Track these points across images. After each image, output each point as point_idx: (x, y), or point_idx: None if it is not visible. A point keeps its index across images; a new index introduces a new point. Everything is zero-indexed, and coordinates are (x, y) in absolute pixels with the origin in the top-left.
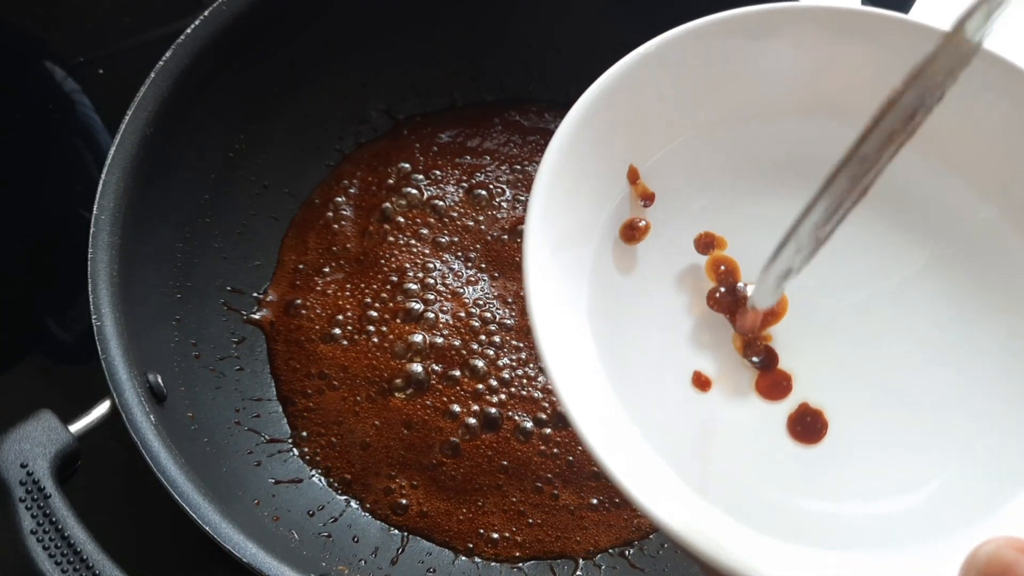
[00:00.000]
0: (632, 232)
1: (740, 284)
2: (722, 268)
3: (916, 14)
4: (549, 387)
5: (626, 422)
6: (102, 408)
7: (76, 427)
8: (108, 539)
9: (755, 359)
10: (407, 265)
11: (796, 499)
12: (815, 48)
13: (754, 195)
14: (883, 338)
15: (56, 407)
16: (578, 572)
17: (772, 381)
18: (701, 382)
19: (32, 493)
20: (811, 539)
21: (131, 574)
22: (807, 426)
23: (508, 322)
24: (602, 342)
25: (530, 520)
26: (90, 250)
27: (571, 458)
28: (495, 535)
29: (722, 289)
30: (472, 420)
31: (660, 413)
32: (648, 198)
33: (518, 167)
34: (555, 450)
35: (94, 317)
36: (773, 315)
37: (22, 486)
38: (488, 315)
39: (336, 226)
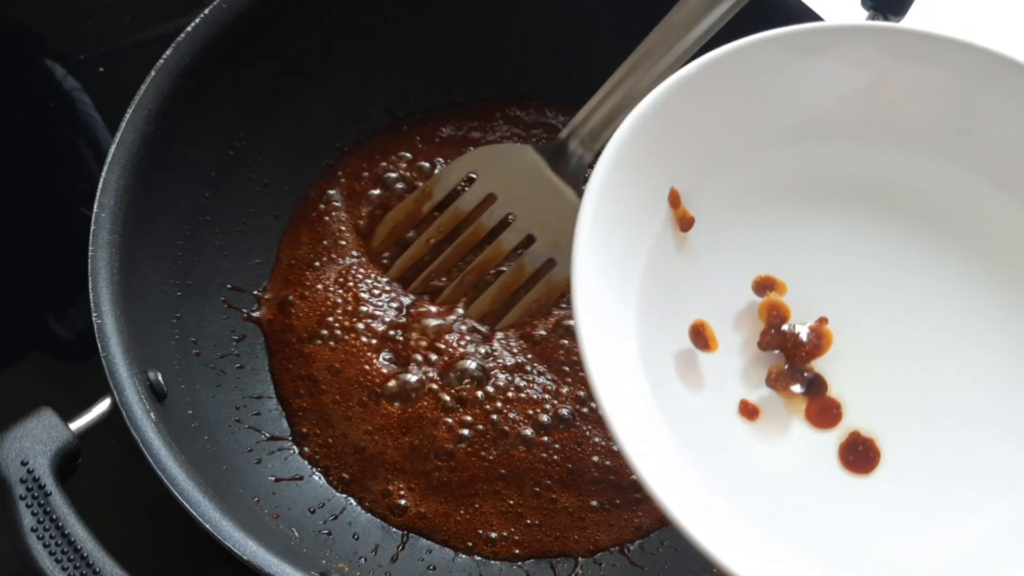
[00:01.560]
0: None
1: (786, 326)
2: (774, 311)
3: (913, 15)
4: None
5: (674, 452)
6: (102, 406)
7: (76, 425)
8: (108, 537)
9: (797, 387)
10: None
11: (851, 530)
12: (863, 67)
13: (801, 219)
14: (933, 362)
15: (56, 405)
16: (578, 570)
17: (821, 408)
18: (748, 411)
19: (32, 491)
20: (867, 570)
21: (131, 572)
22: (859, 455)
23: (510, 334)
24: (653, 376)
25: (528, 521)
26: (90, 248)
27: (570, 465)
28: (493, 534)
29: (772, 330)
30: (466, 431)
31: (709, 443)
32: (688, 222)
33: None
34: (555, 457)
35: (94, 315)
36: (817, 348)
37: (22, 484)
38: (487, 331)
39: (327, 218)
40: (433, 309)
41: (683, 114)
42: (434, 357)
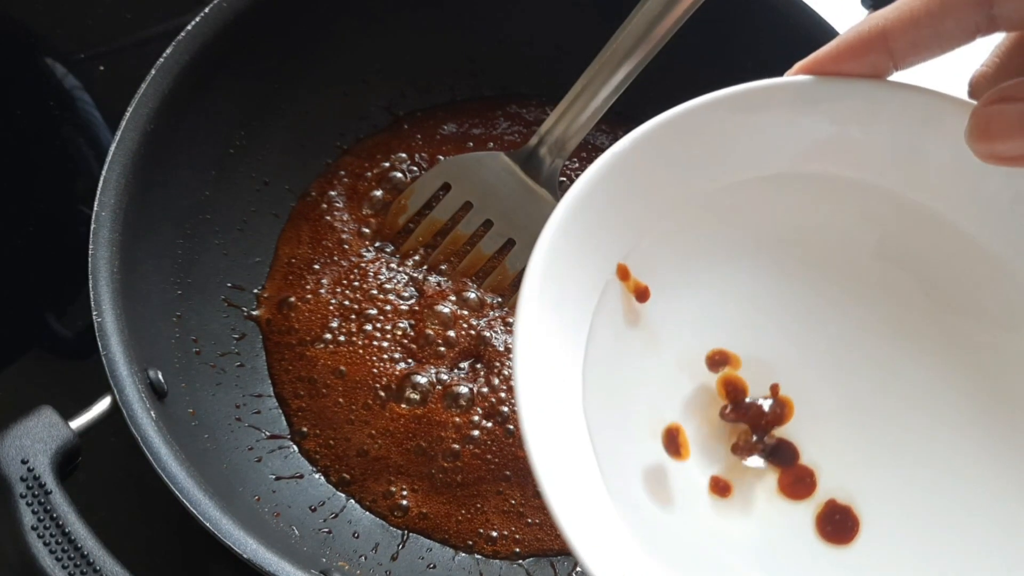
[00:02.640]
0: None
1: (747, 399)
2: (730, 387)
3: None
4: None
5: (635, 548)
6: (103, 404)
7: (77, 423)
8: (109, 535)
9: (757, 460)
10: (399, 263)
11: None
12: (816, 121)
13: (750, 281)
14: (903, 422)
15: (57, 403)
16: (578, 568)
17: (795, 478)
18: (720, 488)
19: (33, 489)
20: None
21: (132, 570)
22: (837, 524)
23: (511, 326)
24: (603, 458)
25: (529, 520)
26: (91, 246)
27: None
28: (494, 533)
29: (730, 406)
30: (476, 432)
31: (675, 529)
32: (642, 293)
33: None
34: None
35: (95, 313)
36: (780, 417)
37: (23, 482)
38: (487, 334)
39: (328, 217)
40: (443, 310)
41: (628, 182)
42: (441, 350)
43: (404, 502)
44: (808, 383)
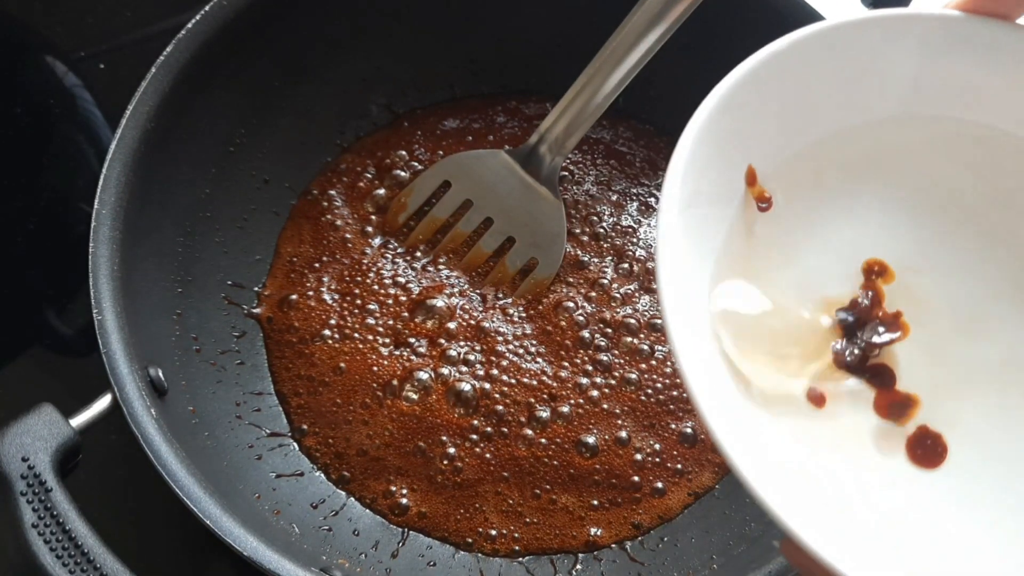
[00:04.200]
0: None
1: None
2: (874, 296)
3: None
4: (545, 389)
5: (747, 419)
6: (103, 402)
7: (77, 421)
8: (109, 532)
9: (855, 382)
10: (400, 260)
11: (915, 523)
12: (937, 53)
13: (875, 206)
14: (1008, 363)
15: (57, 401)
16: (578, 566)
17: (891, 401)
18: (815, 398)
19: (33, 487)
20: (928, 564)
21: (132, 567)
22: (927, 449)
23: (511, 316)
24: (729, 348)
25: (528, 520)
26: (91, 244)
27: (572, 471)
28: (493, 532)
29: (853, 315)
30: (474, 435)
31: (773, 428)
32: (765, 201)
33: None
34: (555, 462)
35: (95, 311)
36: (891, 340)
37: (23, 480)
38: (488, 324)
39: (329, 216)
40: (439, 304)
41: (771, 90)
42: (442, 342)
43: (404, 501)
44: (921, 314)
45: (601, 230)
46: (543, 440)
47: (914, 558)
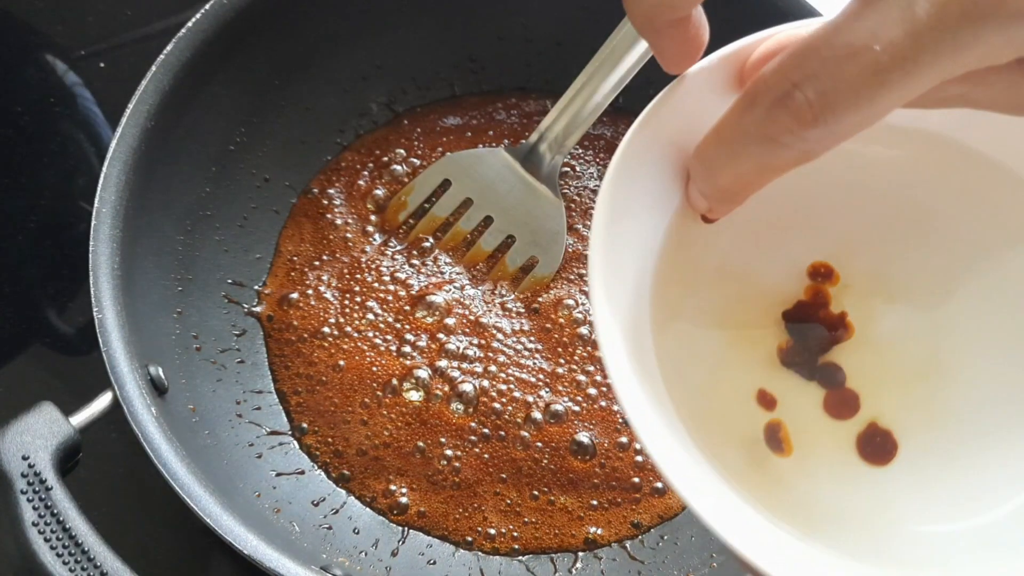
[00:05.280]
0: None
1: (820, 314)
2: (819, 295)
3: None
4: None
5: (685, 437)
6: (103, 400)
7: (77, 419)
8: (110, 531)
9: (806, 373)
10: (400, 256)
11: (868, 517)
12: None
13: (844, 208)
14: (954, 354)
15: (57, 399)
16: (577, 564)
17: (840, 399)
18: (766, 400)
19: (33, 485)
20: (883, 558)
21: (132, 566)
22: (876, 446)
23: (510, 312)
24: (664, 359)
25: (527, 519)
26: (91, 243)
27: (572, 475)
28: (492, 530)
29: (805, 307)
30: (473, 437)
31: (722, 430)
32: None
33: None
34: (551, 466)
35: (95, 309)
36: (836, 339)
37: (23, 478)
38: (486, 320)
39: (329, 215)
40: (438, 300)
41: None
42: (441, 337)
43: (403, 500)
44: (867, 313)
45: None
46: (539, 444)
47: (857, 549)
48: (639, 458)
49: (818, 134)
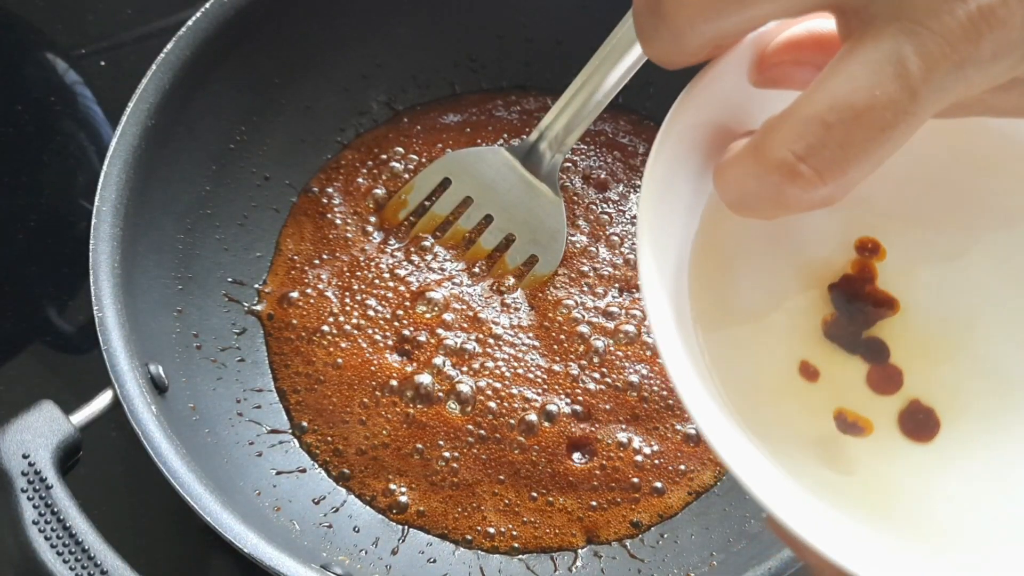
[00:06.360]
0: None
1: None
2: (865, 269)
3: None
4: (532, 396)
5: (727, 407)
6: (103, 399)
7: (77, 418)
8: (110, 529)
9: (850, 347)
10: (399, 254)
11: (908, 493)
12: None
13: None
14: (998, 333)
15: (57, 398)
16: (577, 563)
17: (884, 375)
18: (809, 372)
19: (34, 483)
20: (923, 535)
21: (132, 564)
22: (919, 423)
23: (509, 308)
24: (709, 328)
25: (525, 519)
26: (91, 241)
27: (571, 478)
28: (491, 530)
29: (842, 294)
30: (471, 438)
31: (764, 400)
32: None
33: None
34: (548, 469)
35: (95, 308)
36: (882, 314)
37: (24, 476)
38: (484, 315)
39: (329, 214)
40: (437, 296)
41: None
42: (440, 332)
43: (403, 499)
44: (913, 290)
45: (603, 220)
46: (536, 447)
47: (904, 527)
48: (639, 458)
49: (830, 190)
